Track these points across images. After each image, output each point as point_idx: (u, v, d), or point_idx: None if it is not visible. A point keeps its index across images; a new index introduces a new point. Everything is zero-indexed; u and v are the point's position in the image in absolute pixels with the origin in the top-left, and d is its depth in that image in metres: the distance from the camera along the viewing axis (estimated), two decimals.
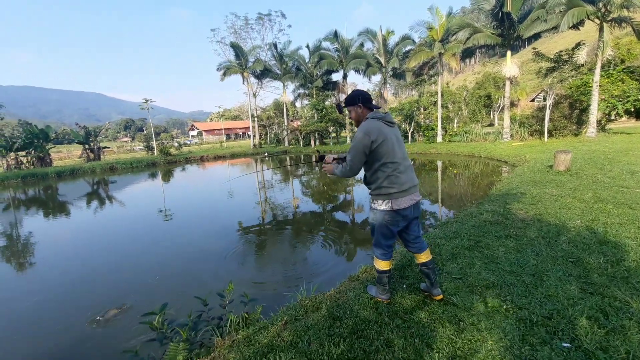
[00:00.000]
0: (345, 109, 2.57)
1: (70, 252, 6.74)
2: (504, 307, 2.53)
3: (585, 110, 16.85)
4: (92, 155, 28.08)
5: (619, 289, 2.65)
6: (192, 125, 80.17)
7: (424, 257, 2.62)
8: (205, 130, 69.93)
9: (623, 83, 22.24)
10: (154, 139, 31.13)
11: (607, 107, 18.24)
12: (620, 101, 18.62)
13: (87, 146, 28.02)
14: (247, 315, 3.12)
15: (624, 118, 23.07)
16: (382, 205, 2.38)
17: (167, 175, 19.62)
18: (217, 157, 28.62)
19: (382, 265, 2.61)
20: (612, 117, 18.76)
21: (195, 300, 4.32)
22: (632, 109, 20.20)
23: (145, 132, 63.01)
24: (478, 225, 4.58)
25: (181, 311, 3.80)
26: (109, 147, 40.09)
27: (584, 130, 16.36)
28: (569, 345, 2.09)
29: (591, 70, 20.55)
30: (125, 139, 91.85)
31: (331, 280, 4.28)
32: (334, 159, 2.75)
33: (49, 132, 26.30)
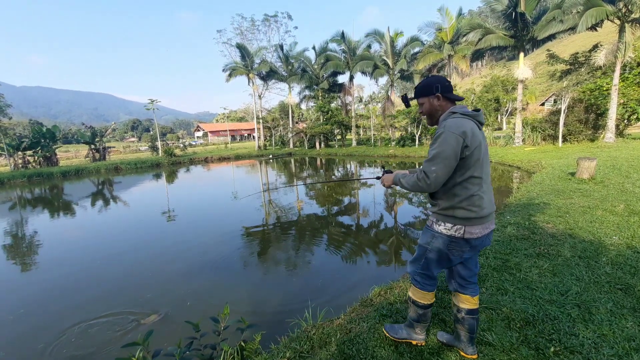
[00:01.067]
0: (416, 100, 1.95)
1: (67, 255, 6.38)
2: (552, 349, 2.10)
3: (602, 114, 16.24)
4: (97, 155, 28.08)
5: None
6: (198, 126, 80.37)
7: (474, 302, 2.00)
8: (210, 132, 70.03)
9: (639, 86, 21.55)
10: (159, 139, 30.96)
11: (626, 111, 17.58)
12: None
13: (92, 146, 28.01)
14: (244, 345, 2.72)
15: (639, 123, 22.37)
16: (451, 230, 1.81)
17: (171, 177, 19.37)
18: (222, 159, 28.36)
19: (425, 297, 2.03)
20: (630, 122, 18.08)
21: (189, 315, 3.97)
22: None
23: (151, 132, 63.32)
24: (503, 240, 4.13)
25: (177, 324, 3.43)
26: (114, 147, 40.10)
27: (602, 136, 15.74)
28: None
29: (605, 73, 19.97)
30: (132, 139, 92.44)
31: (340, 297, 3.89)
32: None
33: (56, 131, 26.37)
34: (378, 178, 2.18)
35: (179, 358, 2.47)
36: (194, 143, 54.48)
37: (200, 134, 75.82)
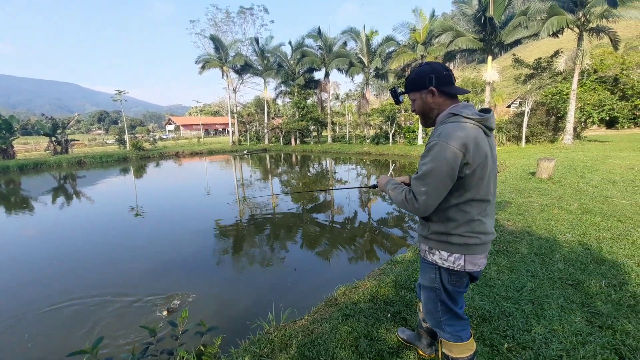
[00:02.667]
0: (407, 96, 1.58)
1: (21, 253, 5.93)
2: (505, 345, 2.16)
3: (561, 117, 17.21)
4: (59, 148, 26.45)
5: (629, 322, 2.34)
6: (170, 120, 77.52)
7: None
8: (182, 125, 67.78)
9: (595, 92, 23.10)
10: (126, 132, 29.56)
11: (582, 115, 18.74)
12: (596, 109, 19.18)
13: (53, 138, 26.34)
14: (202, 349, 2.62)
15: (594, 126, 24.00)
16: (448, 262, 1.47)
17: (140, 172, 18.57)
18: (194, 154, 27.54)
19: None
20: (587, 126, 19.33)
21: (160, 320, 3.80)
22: (607, 118, 20.89)
23: (119, 125, 60.35)
24: None
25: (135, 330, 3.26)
26: (78, 140, 37.81)
27: (561, 137, 16.68)
28: None
29: (565, 79, 21.19)
30: (99, 131, 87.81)
31: (308, 297, 3.86)
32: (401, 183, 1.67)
33: (13, 122, 24.58)
34: (374, 187, 1.83)
35: None
36: (165, 137, 52.52)
37: (171, 127, 73.18)
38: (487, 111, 1.43)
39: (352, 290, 3.17)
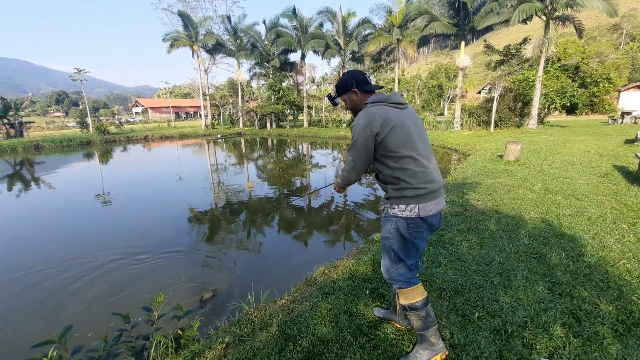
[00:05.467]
0: (339, 99, 2.00)
1: None
2: (476, 314, 2.29)
3: (527, 103, 17.96)
4: (12, 132, 24.52)
5: (585, 289, 2.55)
6: (136, 102, 73.49)
7: None
8: (151, 108, 64.52)
9: (558, 79, 24.23)
10: (88, 114, 27.81)
11: (546, 101, 19.63)
12: (558, 96, 20.14)
13: (5, 121, 24.33)
14: (180, 333, 2.58)
15: (556, 112, 25.32)
16: (406, 211, 1.76)
17: (105, 156, 17.63)
18: (164, 138, 26.45)
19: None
20: (550, 111, 20.32)
21: (120, 305, 3.69)
22: (568, 104, 22.05)
23: (81, 107, 56.56)
24: None
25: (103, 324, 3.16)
26: (34, 122, 35.20)
27: (526, 122, 17.47)
28: None
29: (532, 66, 22.03)
30: (57, 114, 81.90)
31: (287, 278, 3.87)
32: None
33: None
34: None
35: (104, 352, 2.27)
36: (131, 120, 49.90)
37: (139, 110, 69.52)
38: (391, 93, 1.85)
39: (331, 269, 3.22)
